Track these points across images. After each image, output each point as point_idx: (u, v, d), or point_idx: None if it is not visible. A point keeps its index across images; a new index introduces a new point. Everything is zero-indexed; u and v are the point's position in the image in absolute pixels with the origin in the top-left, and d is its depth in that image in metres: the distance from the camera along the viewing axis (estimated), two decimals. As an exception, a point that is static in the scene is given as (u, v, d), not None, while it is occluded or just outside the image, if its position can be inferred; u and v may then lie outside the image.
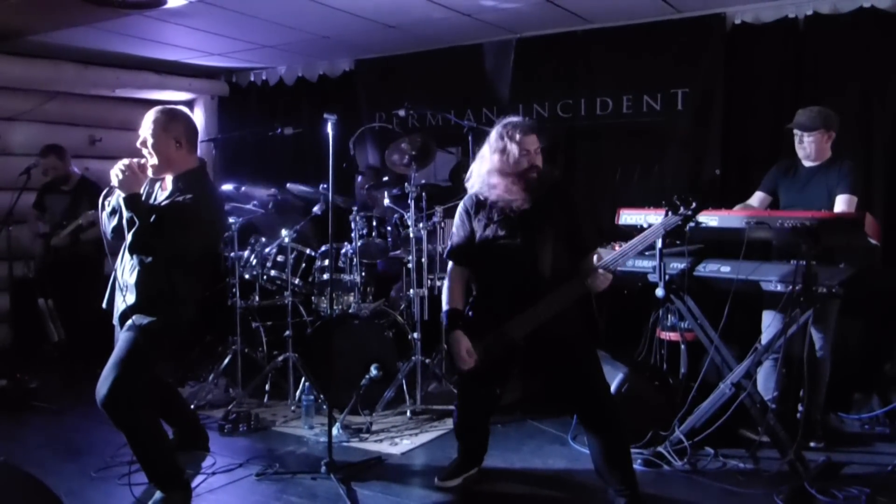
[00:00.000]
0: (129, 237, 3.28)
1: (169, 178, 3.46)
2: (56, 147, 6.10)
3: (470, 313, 3.47)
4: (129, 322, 3.36)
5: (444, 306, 3.48)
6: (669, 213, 3.45)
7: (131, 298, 3.39)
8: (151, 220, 3.30)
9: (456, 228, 3.52)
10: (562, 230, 3.37)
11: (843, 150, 4.31)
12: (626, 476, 3.33)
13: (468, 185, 3.53)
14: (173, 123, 3.43)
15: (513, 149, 3.31)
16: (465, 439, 3.80)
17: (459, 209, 3.51)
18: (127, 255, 3.42)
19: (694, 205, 3.39)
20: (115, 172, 3.29)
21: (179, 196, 3.36)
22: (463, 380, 3.59)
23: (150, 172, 3.42)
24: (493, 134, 3.42)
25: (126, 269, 3.46)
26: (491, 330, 3.33)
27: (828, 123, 4.12)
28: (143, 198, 3.43)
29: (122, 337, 3.42)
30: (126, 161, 3.30)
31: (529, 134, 3.35)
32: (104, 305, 3.64)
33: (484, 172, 3.40)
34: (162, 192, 3.49)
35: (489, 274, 3.45)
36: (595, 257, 3.26)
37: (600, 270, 3.22)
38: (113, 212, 3.47)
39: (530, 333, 3.28)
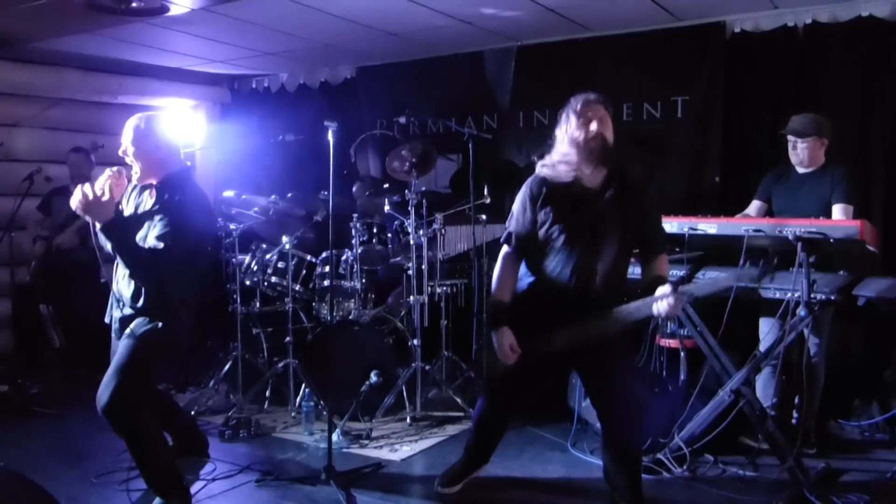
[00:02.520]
0: (126, 268, 3.33)
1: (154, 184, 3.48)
2: (86, 148, 6.34)
3: (517, 306, 3.24)
4: (129, 330, 3.38)
5: (493, 296, 3.24)
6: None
7: (129, 306, 3.40)
8: (141, 234, 3.34)
9: (517, 213, 3.22)
10: (632, 230, 3.14)
11: (843, 157, 4.33)
12: (635, 486, 3.30)
13: (542, 166, 3.23)
14: (152, 129, 3.46)
15: (573, 118, 3.12)
16: (482, 436, 3.64)
17: (523, 192, 3.20)
18: (122, 264, 3.43)
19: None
20: (75, 204, 3.26)
21: (167, 197, 3.39)
22: (499, 375, 3.31)
23: (134, 180, 3.47)
24: (568, 111, 3.19)
25: (122, 278, 3.48)
26: (538, 332, 3.13)
27: (821, 130, 4.14)
28: (134, 209, 3.48)
29: (121, 344, 3.43)
30: (80, 191, 3.23)
31: (592, 104, 3.15)
32: (106, 320, 3.63)
33: (554, 152, 3.17)
34: (150, 199, 3.49)
35: (547, 271, 3.16)
36: (664, 288, 2.95)
37: (681, 294, 2.91)
38: None
39: (576, 345, 3.10)
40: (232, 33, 5.75)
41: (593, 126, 3.10)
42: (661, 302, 2.92)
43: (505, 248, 3.27)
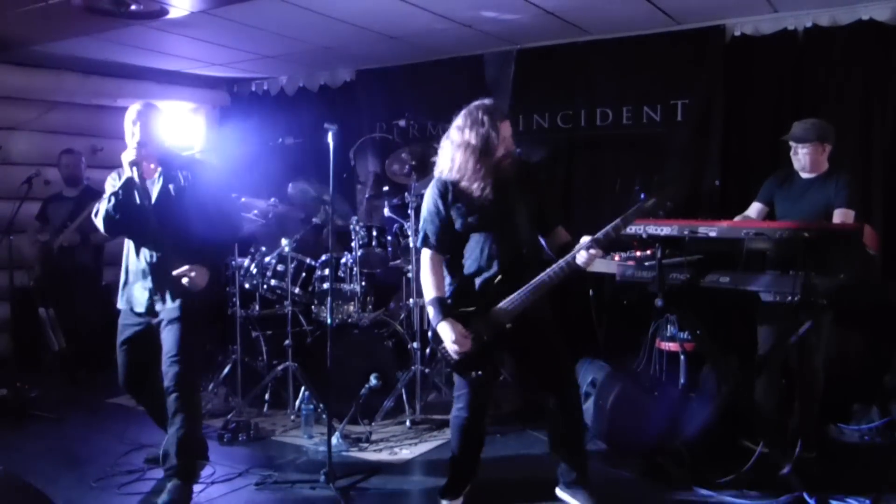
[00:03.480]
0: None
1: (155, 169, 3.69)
2: (78, 150, 6.40)
3: (450, 301, 3.39)
4: (174, 312, 3.60)
5: (429, 294, 3.37)
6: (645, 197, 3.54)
7: (169, 287, 3.61)
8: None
9: (430, 215, 3.40)
10: (533, 209, 3.42)
11: (842, 161, 4.32)
12: (581, 457, 3.57)
13: (437, 171, 3.46)
14: (158, 113, 3.69)
15: (492, 135, 3.28)
16: (467, 444, 3.65)
17: (432, 195, 3.41)
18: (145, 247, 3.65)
19: (668, 188, 3.56)
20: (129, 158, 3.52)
21: (185, 172, 3.70)
22: (458, 370, 3.45)
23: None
24: (467, 118, 3.36)
25: (146, 260, 3.65)
26: (476, 316, 3.31)
27: (822, 136, 4.13)
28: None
29: (170, 328, 3.59)
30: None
31: (505, 119, 3.36)
32: (122, 305, 3.75)
33: (459, 157, 3.33)
34: (156, 183, 3.69)
35: (473, 259, 3.38)
36: (584, 239, 3.28)
37: (591, 250, 3.22)
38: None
39: (517, 316, 3.29)
40: (231, 36, 5.75)
41: (509, 145, 3.36)
42: (582, 252, 3.22)
43: (426, 251, 3.42)
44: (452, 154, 3.37)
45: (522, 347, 3.44)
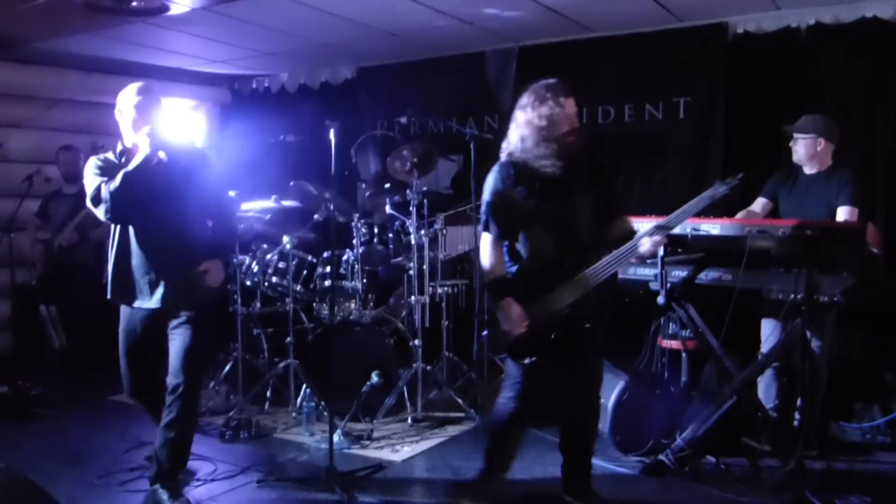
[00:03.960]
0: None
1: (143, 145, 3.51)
2: (76, 147, 6.31)
3: (512, 287, 3.30)
4: (186, 315, 3.51)
5: (489, 276, 3.32)
6: (717, 183, 3.48)
7: (173, 286, 3.50)
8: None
9: (492, 198, 3.31)
10: (599, 195, 3.31)
11: (846, 158, 4.31)
12: (588, 462, 3.53)
13: (503, 153, 3.36)
14: (156, 95, 3.67)
15: (556, 112, 3.18)
16: (510, 436, 3.51)
17: (494, 177, 3.31)
18: (147, 241, 3.52)
19: (740, 175, 3.47)
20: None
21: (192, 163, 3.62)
22: (512, 354, 3.33)
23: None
24: (531, 97, 3.26)
25: (153, 255, 3.52)
26: (534, 300, 3.22)
27: (820, 130, 4.13)
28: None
29: (181, 332, 3.50)
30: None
31: (570, 96, 3.25)
32: (119, 298, 3.60)
33: (523, 137, 3.24)
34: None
35: (532, 244, 3.28)
36: (640, 225, 3.26)
37: (654, 236, 3.17)
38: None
39: (572, 305, 3.21)
40: (232, 33, 5.74)
41: (574, 122, 3.25)
42: (645, 239, 3.21)
43: (486, 235, 3.33)
44: (516, 134, 3.28)
45: (569, 344, 3.31)
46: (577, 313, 3.25)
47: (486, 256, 3.34)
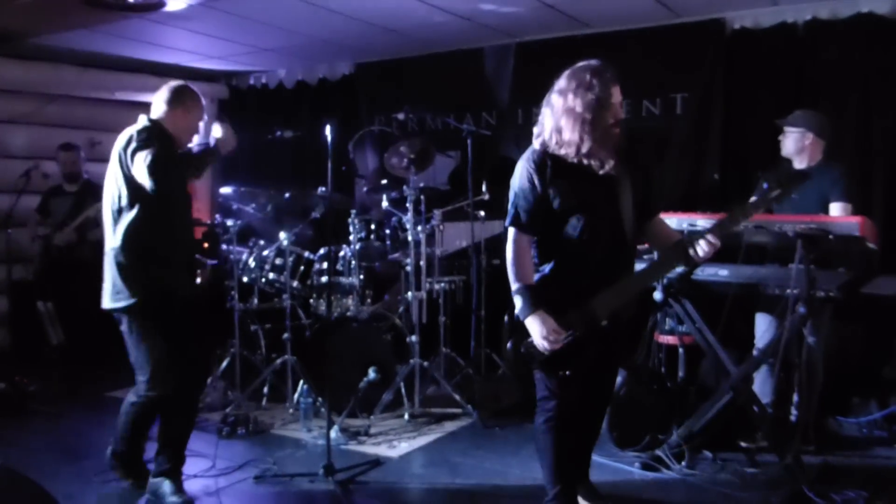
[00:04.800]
0: None
1: None
2: (76, 144, 6.35)
3: (542, 288, 2.98)
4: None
5: (517, 283, 2.94)
6: (762, 185, 3.20)
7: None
8: None
9: (522, 191, 2.96)
10: (638, 191, 3.02)
11: (842, 154, 4.32)
12: (587, 458, 3.49)
13: (535, 140, 3.04)
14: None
15: (603, 101, 2.85)
16: (566, 448, 3.14)
17: (526, 168, 2.97)
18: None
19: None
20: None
21: None
22: (545, 369, 3.01)
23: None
24: (571, 81, 2.94)
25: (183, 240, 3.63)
26: (571, 307, 2.91)
27: (810, 125, 4.12)
28: None
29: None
30: None
31: (616, 83, 2.93)
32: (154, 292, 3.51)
33: (562, 126, 2.90)
34: None
35: (570, 245, 2.95)
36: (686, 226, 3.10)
37: (709, 237, 2.87)
38: None
39: (614, 312, 2.94)
40: (229, 29, 5.74)
41: (620, 113, 2.95)
42: (701, 241, 2.88)
43: (513, 231, 3.00)
44: (553, 122, 2.94)
45: (604, 353, 3.08)
46: (616, 323, 2.99)
47: (512, 256, 2.98)
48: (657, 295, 3.97)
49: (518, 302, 2.93)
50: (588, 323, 2.92)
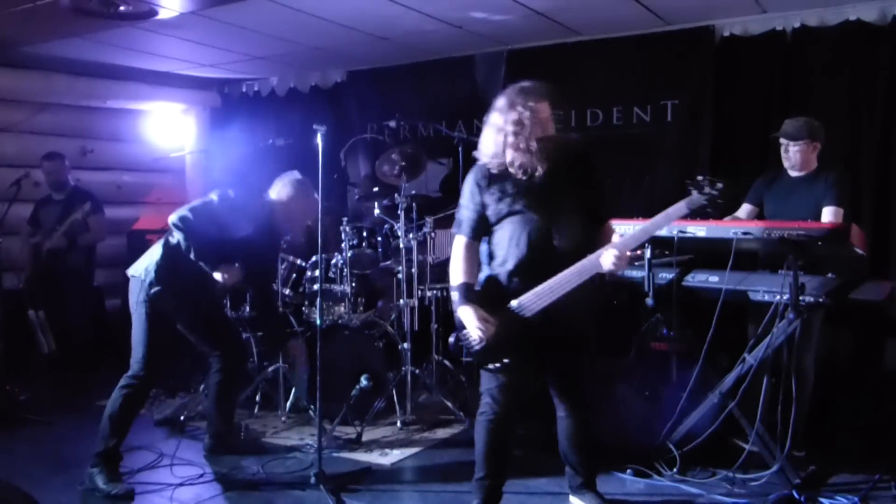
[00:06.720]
0: None
1: None
2: (59, 153, 6.32)
3: (479, 288, 3.28)
4: None
5: (456, 280, 3.26)
6: (693, 192, 3.32)
7: None
8: None
9: (466, 201, 3.30)
10: (580, 200, 3.23)
11: (831, 160, 4.34)
12: (590, 458, 3.52)
13: (478, 154, 3.32)
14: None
15: (526, 118, 3.12)
16: (495, 448, 3.34)
17: (469, 181, 3.30)
18: None
19: (720, 185, 3.29)
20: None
21: None
22: (479, 360, 3.27)
23: None
24: (503, 100, 3.22)
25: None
26: (502, 305, 3.18)
27: (813, 134, 4.15)
28: None
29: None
30: None
31: (542, 101, 3.18)
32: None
33: (495, 143, 3.20)
34: None
35: (503, 248, 3.23)
36: (614, 237, 3.19)
37: (613, 250, 3.07)
38: None
39: (545, 311, 3.15)
40: (221, 37, 5.74)
41: (547, 128, 3.18)
42: (607, 253, 3.08)
43: (459, 238, 3.32)
44: (489, 138, 3.25)
45: (547, 345, 3.25)
46: (549, 317, 3.17)
47: (454, 259, 3.30)
48: (649, 301, 3.98)
49: (454, 296, 3.26)
50: (512, 318, 3.17)
